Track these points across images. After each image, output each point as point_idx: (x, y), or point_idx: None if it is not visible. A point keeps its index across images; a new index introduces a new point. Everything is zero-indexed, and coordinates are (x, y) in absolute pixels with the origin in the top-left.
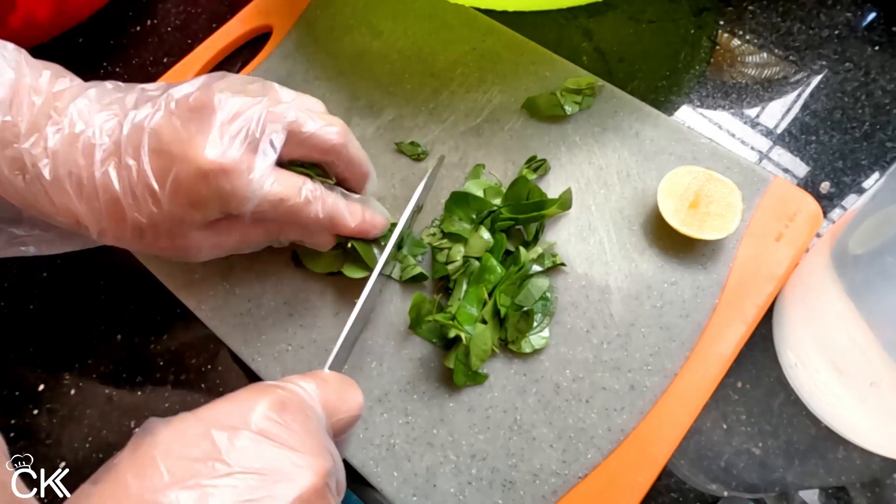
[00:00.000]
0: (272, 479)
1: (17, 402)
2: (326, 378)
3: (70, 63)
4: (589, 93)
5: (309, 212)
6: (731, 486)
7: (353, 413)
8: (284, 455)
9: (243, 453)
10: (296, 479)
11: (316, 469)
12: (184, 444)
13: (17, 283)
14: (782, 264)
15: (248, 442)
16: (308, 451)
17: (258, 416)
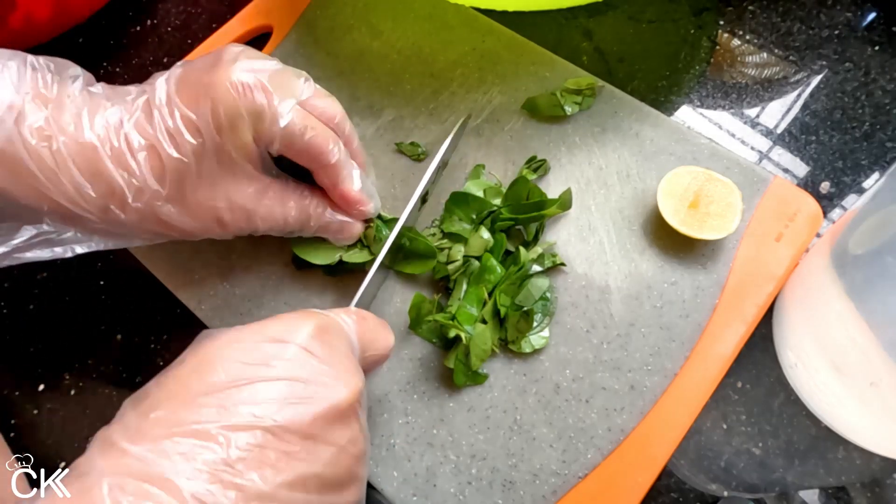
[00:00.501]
0: (312, 388)
1: (17, 402)
2: (365, 316)
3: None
4: (589, 93)
5: (331, 151)
6: (731, 486)
7: (383, 352)
8: (324, 369)
9: (290, 363)
10: (332, 391)
11: (349, 385)
12: (240, 349)
13: (17, 284)
14: (782, 264)
15: (294, 354)
16: (344, 369)
17: (304, 334)
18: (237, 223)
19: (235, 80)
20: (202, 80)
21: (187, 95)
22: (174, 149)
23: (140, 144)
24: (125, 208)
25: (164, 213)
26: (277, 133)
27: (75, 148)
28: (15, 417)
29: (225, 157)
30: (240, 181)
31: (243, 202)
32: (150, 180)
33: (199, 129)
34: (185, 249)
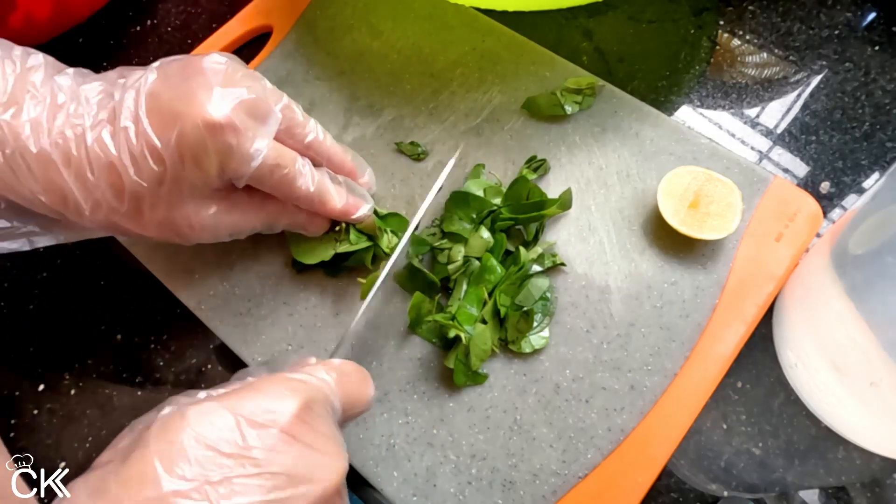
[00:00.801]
0: (297, 480)
1: (17, 402)
2: (347, 372)
3: (70, 63)
4: (589, 93)
5: (301, 184)
6: (731, 486)
7: (365, 409)
8: (310, 457)
9: (272, 453)
10: (318, 481)
11: (337, 470)
12: (213, 434)
13: (17, 283)
14: (782, 264)
15: (276, 441)
16: (330, 453)
17: (287, 417)
18: (198, 238)
19: (207, 117)
20: (173, 108)
21: (156, 119)
22: (135, 173)
23: (100, 162)
24: (82, 218)
25: (122, 225)
26: (246, 173)
27: (30, 156)
28: (15, 417)
29: (187, 185)
30: (201, 203)
31: (203, 221)
32: (108, 197)
33: (162, 159)
34: (185, 249)
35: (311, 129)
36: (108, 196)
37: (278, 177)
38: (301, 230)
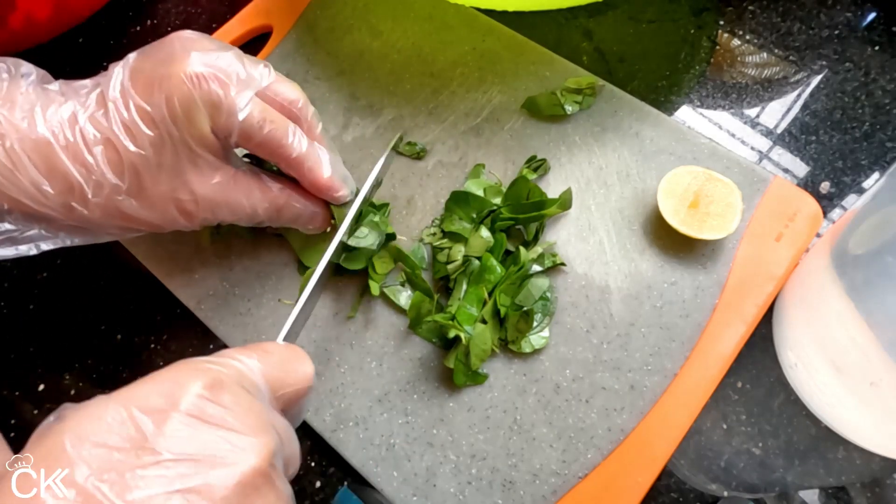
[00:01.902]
0: (208, 465)
1: (17, 402)
2: (269, 349)
3: (70, 63)
4: (589, 92)
5: (291, 142)
6: (731, 486)
7: (302, 385)
8: (222, 437)
9: (173, 439)
10: (235, 463)
11: (258, 450)
12: (100, 430)
13: (17, 284)
14: (782, 264)
15: (178, 425)
16: (249, 430)
17: (189, 397)
18: (202, 214)
19: (190, 71)
20: (157, 72)
21: (142, 86)
22: (131, 141)
23: (96, 138)
24: (87, 204)
25: (125, 208)
26: (235, 125)
27: (30, 144)
28: (15, 417)
29: (184, 148)
30: (202, 172)
31: (207, 193)
32: (108, 174)
33: (154, 121)
34: (185, 249)
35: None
36: (108, 173)
37: (268, 131)
38: (302, 226)
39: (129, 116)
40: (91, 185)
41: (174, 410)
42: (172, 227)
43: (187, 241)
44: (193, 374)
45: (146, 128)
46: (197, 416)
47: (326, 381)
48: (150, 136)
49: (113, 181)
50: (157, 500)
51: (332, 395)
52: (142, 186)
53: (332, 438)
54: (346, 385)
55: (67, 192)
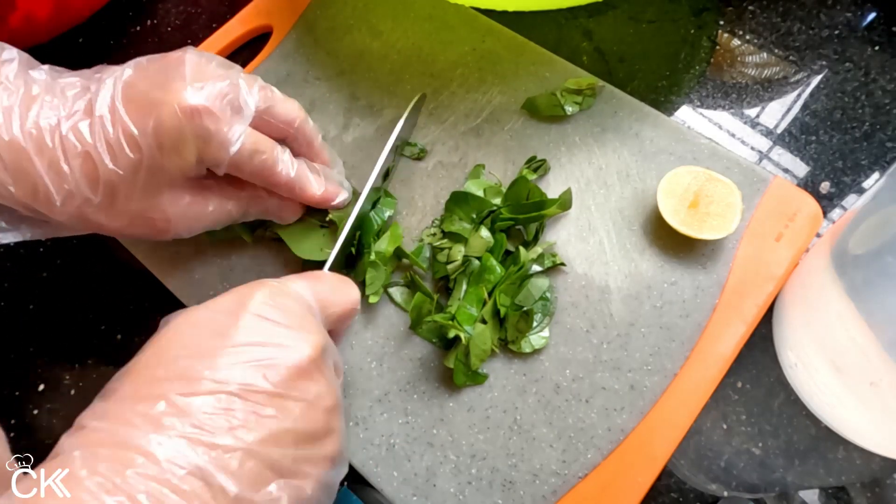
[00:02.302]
0: (271, 349)
1: (17, 402)
2: (319, 276)
3: (70, 63)
4: (590, 93)
5: (281, 170)
6: (731, 486)
7: (348, 306)
8: (280, 331)
9: (245, 330)
10: (291, 350)
11: (311, 343)
12: (195, 326)
13: (17, 283)
14: (782, 264)
15: (248, 321)
16: (301, 328)
17: (256, 302)
18: (175, 229)
19: (185, 104)
20: (150, 96)
21: (133, 108)
22: (111, 160)
23: (76, 151)
24: (52, 210)
25: (94, 220)
26: (225, 159)
27: (2, 143)
28: (15, 417)
29: (164, 174)
30: (176, 193)
31: (178, 212)
32: (82, 187)
33: (139, 146)
34: (185, 250)
35: (296, 114)
36: (83, 186)
37: (258, 162)
38: (274, 217)
39: (114, 136)
40: (62, 195)
41: (244, 311)
42: (145, 239)
43: (187, 242)
44: (259, 286)
45: (130, 151)
46: (262, 316)
47: None
48: (132, 159)
49: (86, 195)
50: (237, 369)
51: None
52: (114, 202)
53: None
54: (346, 385)
55: (33, 196)
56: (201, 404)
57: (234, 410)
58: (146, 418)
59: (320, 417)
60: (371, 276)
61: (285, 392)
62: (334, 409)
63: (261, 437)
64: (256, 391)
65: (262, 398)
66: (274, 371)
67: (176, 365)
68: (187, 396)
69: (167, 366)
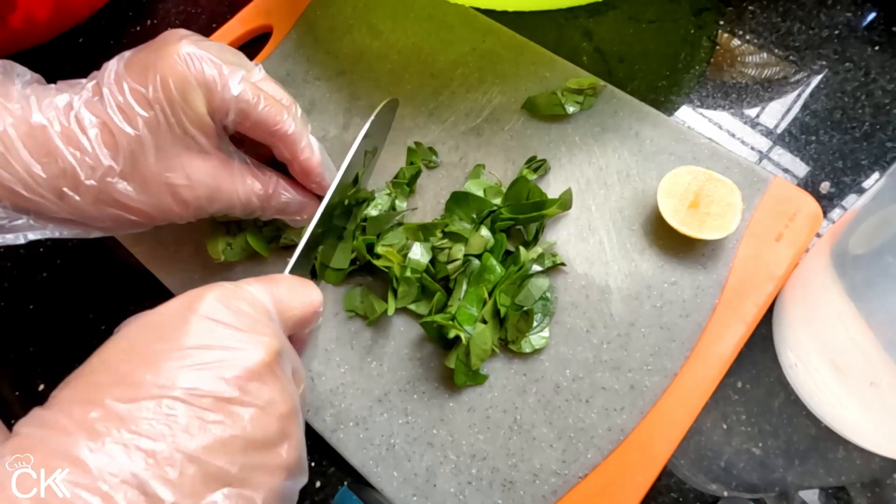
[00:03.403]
0: (219, 353)
1: (17, 402)
2: (277, 279)
3: (70, 63)
4: (591, 93)
5: (287, 121)
6: (731, 486)
7: (308, 309)
8: (230, 334)
9: (194, 334)
10: (244, 352)
11: (264, 345)
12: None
13: (17, 283)
14: (782, 264)
15: (198, 324)
16: (253, 331)
17: (207, 304)
18: (198, 201)
19: (183, 52)
20: (150, 57)
21: (137, 72)
22: (126, 123)
23: (91, 122)
24: (78, 188)
25: (119, 192)
26: (231, 102)
27: (23, 129)
28: (15, 417)
29: (180, 130)
30: (197, 156)
31: (201, 177)
32: (102, 157)
33: (149, 101)
34: (185, 250)
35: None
36: (103, 156)
37: (263, 108)
38: (290, 216)
39: (123, 99)
40: (84, 168)
41: (193, 314)
42: (166, 218)
43: (188, 242)
44: (211, 288)
45: (141, 109)
46: (212, 318)
47: (326, 381)
48: (145, 117)
49: (107, 163)
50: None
51: (332, 395)
52: (136, 169)
53: (332, 438)
54: (346, 385)
55: (59, 175)
56: (141, 410)
57: (177, 416)
58: (80, 424)
59: (273, 423)
60: (404, 291)
61: (234, 396)
62: (290, 416)
63: (205, 443)
64: (202, 395)
65: (207, 403)
66: (222, 374)
67: (118, 370)
68: (126, 402)
69: (109, 371)
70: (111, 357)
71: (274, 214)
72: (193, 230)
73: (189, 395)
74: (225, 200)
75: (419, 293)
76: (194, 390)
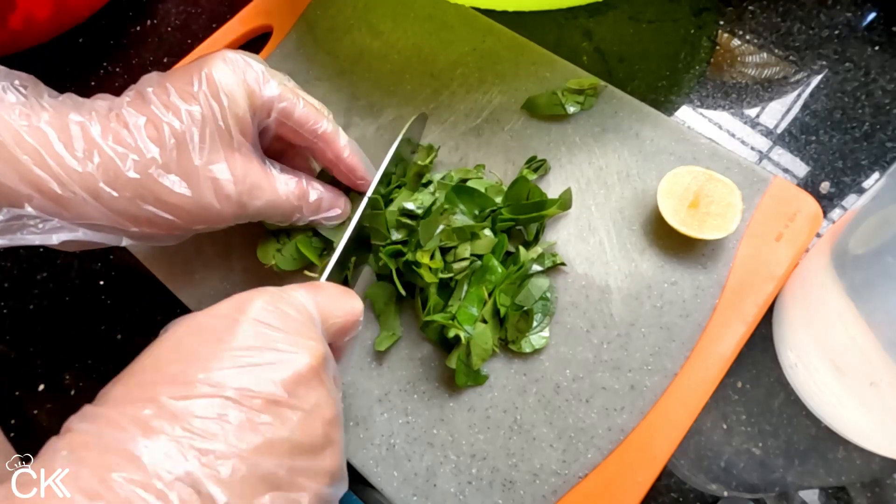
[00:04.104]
0: (269, 355)
1: (17, 402)
2: (321, 286)
3: (70, 63)
4: (591, 93)
5: (321, 121)
6: (731, 486)
7: (350, 318)
8: (279, 337)
9: (243, 335)
10: (291, 356)
11: (312, 350)
12: (192, 332)
13: (17, 283)
14: (782, 264)
15: (248, 327)
16: (301, 336)
17: (256, 307)
18: (240, 196)
19: (228, 55)
20: (194, 64)
21: (180, 76)
22: (173, 115)
23: (134, 119)
24: (118, 182)
25: (161, 186)
26: (275, 101)
27: (59, 125)
28: (15, 417)
29: (224, 126)
30: (238, 156)
31: (244, 174)
32: (145, 149)
33: (195, 97)
34: (185, 250)
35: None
36: (146, 147)
37: (303, 107)
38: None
39: (167, 98)
40: (126, 161)
41: (243, 316)
42: (205, 218)
43: (189, 243)
44: (260, 293)
45: (187, 104)
46: (262, 322)
47: None
48: (191, 111)
49: (150, 154)
50: (233, 373)
51: None
52: (180, 163)
53: None
54: (347, 385)
55: (96, 170)
56: (194, 408)
57: (228, 416)
58: (134, 421)
59: (319, 428)
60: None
61: (283, 399)
62: (334, 422)
63: (255, 444)
64: (252, 396)
65: (257, 404)
66: (272, 377)
67: (169, 369)
68: (179, 400)
69: (160, 370)
70: (162, 356)
71: (311, 215)
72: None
73: (241, 395)
74: (266, 198)
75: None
76: (246, 391)
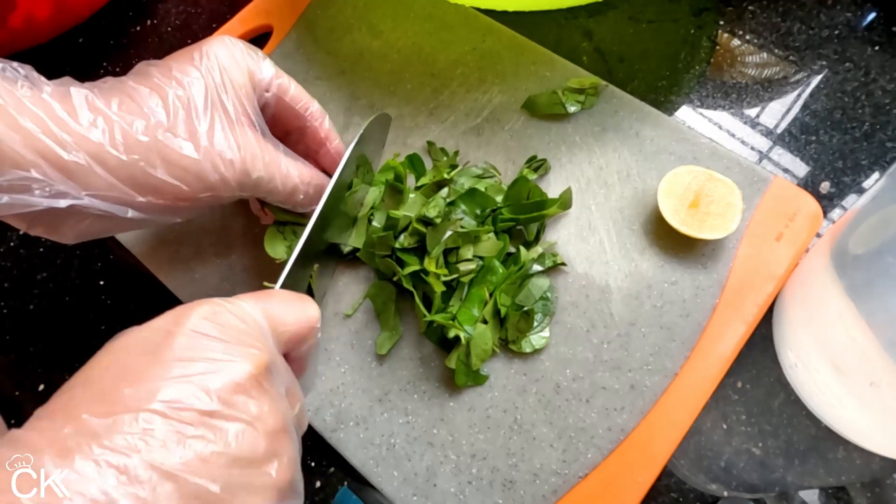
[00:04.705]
0: (203, 365)
1: (17, 402)
2: (272, 293)
3: (70, 63)
4: (592, 92)
5: (311, 103)
6: (731, 486)
7: (304, 325)
8: (216, 346)
9: (178, 348)
10: (230, 365)
11: (252, 358)
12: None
13: (17, 283)
14: (782, 264)
15: (184, 339)
16: (241, 345)
17: (195, 319)
18: (243, 164)
19: (225, 38)
20: (192, 45)
21: (181, 55)
22: (176, 84)
23: (140, 91)
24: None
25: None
26: (272, 78)
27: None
28: (15, 417)
29: (225, 101)
30: (242, 123)
31: (248, 143)
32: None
33: (197, 69)
34: (185, 249)
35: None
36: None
37: (296, 86)
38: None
39: (170, 72)
40: (134, 125)
41: (179, 328)
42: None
43: (188, 242)
44: (200, 303)
45: (189, 76)
46: (199, 332)
47: (326, 381)
48: (193, 81)
49: (155, 119)
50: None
51: (332, 395)
52: (186, 127)
53: (332, 438)
54: (346, 385)
55: (102, 134)
56: (117, 424)
57: (154, 430)
58: (50, 441)
59: (260, 440)
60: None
61: (217, 409)
62: (280, 433)
63: (183, 459)
64: (181, 409)
65: (188, 416)
66: (205, 387)
67: (98, 385)
68: (102, 417)
69: (88, 386)
70: (93, 372)
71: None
72: (194, 229)
73: (168, 407)
74: (269, 170)
75: None
76: (174, 403)
